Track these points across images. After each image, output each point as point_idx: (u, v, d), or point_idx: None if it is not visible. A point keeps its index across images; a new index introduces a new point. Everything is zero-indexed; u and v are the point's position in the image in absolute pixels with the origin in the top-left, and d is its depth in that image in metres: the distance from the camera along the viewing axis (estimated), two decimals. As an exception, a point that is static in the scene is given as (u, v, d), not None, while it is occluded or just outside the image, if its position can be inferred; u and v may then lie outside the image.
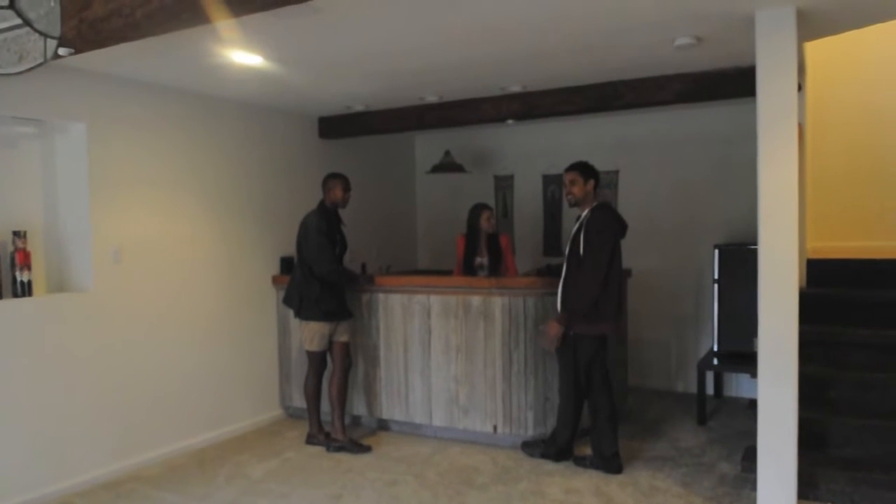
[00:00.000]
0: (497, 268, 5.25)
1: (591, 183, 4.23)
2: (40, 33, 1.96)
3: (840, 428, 3.99)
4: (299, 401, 5.32)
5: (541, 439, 4.65)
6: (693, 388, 5.60)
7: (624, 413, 5.34)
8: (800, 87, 3.77)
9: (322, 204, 4.78)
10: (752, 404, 4.79)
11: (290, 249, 5.25)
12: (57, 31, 1.95)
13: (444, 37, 3.73)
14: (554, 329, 4.22)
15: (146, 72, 4.31)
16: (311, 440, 4.92)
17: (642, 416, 5.47)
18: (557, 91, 4.92)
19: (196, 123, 4.93)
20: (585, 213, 4.22)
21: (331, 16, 3.26)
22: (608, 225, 4.18)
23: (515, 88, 4.95)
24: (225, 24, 3.18)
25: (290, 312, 5.10)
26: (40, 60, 2.05)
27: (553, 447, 4.48)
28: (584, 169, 4.24)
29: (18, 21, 1.97)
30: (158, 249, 4.67)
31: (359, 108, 5.53)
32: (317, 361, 4.88)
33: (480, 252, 5.28)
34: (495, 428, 4.79)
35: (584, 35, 3.73)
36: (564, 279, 4.24)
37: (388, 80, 4.64)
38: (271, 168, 5.52)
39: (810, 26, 3.45)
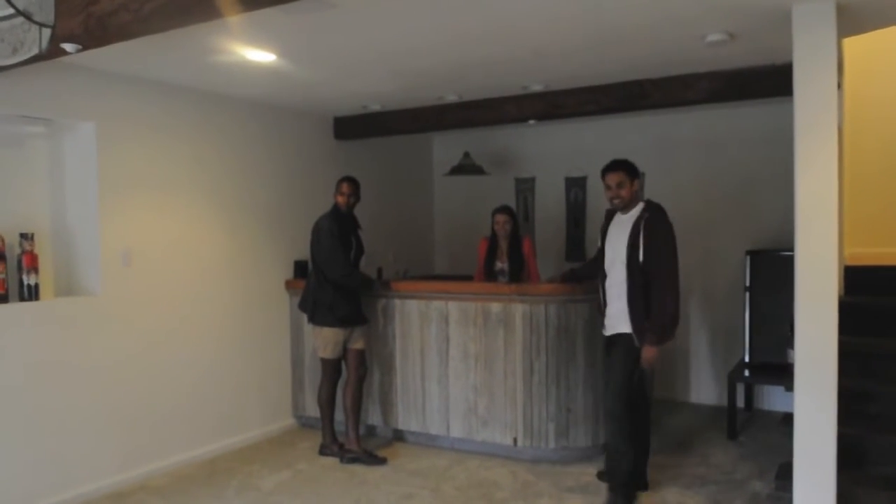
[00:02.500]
0: (519, 273, 5.06)
1: (636, 182, 3.85)
2: (34, 22, 1.84)
3: (880, 445, 3.78)
4: (312, 410, 5.18)
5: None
6: (723, 401, 5.38)
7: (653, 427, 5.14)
8: (839, 86, 3.57)
9: (335, 206, 4.67)
10: (786, 418, 4.59)
11: (305, 253, 5.11)
12: (51, 20, 1.83)
13: (463, 34, 3.59)
14: (651, 354, 3.72)
15: (156, 70, 4.20)
16: (324, 451, 4.78)
17: (670, 430, 5.27)
18: (581, 90, 4.75)
19: (207, 123, 4.82)
20: (636, 213, 3.80)
21: (346, 12, 3.14)
22: (671, 225, 3.80)
23: (538, 87, 4.78)
24: (236, 20, 3.06)
25: (304, 318, 4.96)
26: (35, 52, 1.93)
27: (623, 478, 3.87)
28: (629, 168, 3.82)
29: (10, 11, 1.84)
30: (168, 253, 4.55)
31: (375, 107, 5.39)
32: (331, 369, 4.73)
33: (500, 257, 5.11)
34: (515, 441, 4.62)
35: (611, 31, 3.57)
36: (630, 292, 3.73)
37: (406, 78, 4.49)
38: (285, 169, 5.40)
39: (850, 21, 3.25)
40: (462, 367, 4.78)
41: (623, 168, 3.82)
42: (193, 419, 4.70)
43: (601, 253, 4.01)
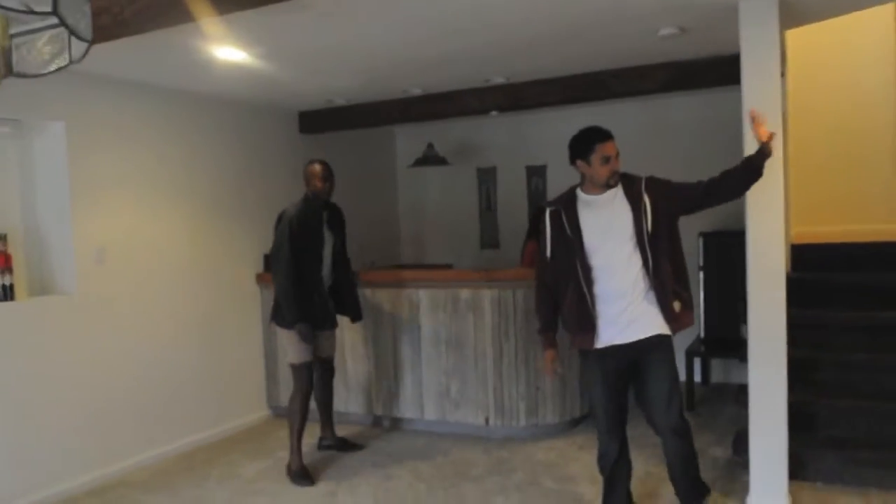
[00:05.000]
0: None
1: None
2: (79, 38, 1.99)
3: (827, 409, 4.06)
4: (286, 400, 5.27)
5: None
6: (682, 376, 5.62)
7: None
8: (782, 75, 3.81)
9: (307, 196, 4.28)
10: (740, 390, 4.85)
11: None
12: (90, 36, 1.99)
13: (428, 30, 3.71)
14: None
15: (124, 69, 4.23)
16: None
17: (631, 405, 5.49)
18: (542, 82, 4.93)
19: (177, 120, 4.86)
20: (615, 187, 3.13)
21: (317, 11, 3.23)
22: None
23: (499, 80, 4.94)
24: (211, 21, 3.14)
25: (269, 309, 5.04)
26: (65, 63, 2.08)
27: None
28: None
29: (48, 22, 1.97)
30: (141, 250, 4.60)
31: (340, 101, 5.49)
32: (301, 377, 4.27)
33: None
34: (487, 420, 4.80)
35: (570, 26, 3.74)
36: (656, 276, 3.01)
37: (372, 73, 4.61)
38: (251, 164, 5.45)
39: (792, 15, 3.48)
40: (434, 352, 4.93)
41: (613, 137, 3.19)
42: (170, 413, 4.76)
43: (567, 258, 3.12)
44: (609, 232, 3.05)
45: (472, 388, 4.83)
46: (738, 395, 4.99)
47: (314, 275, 4.23)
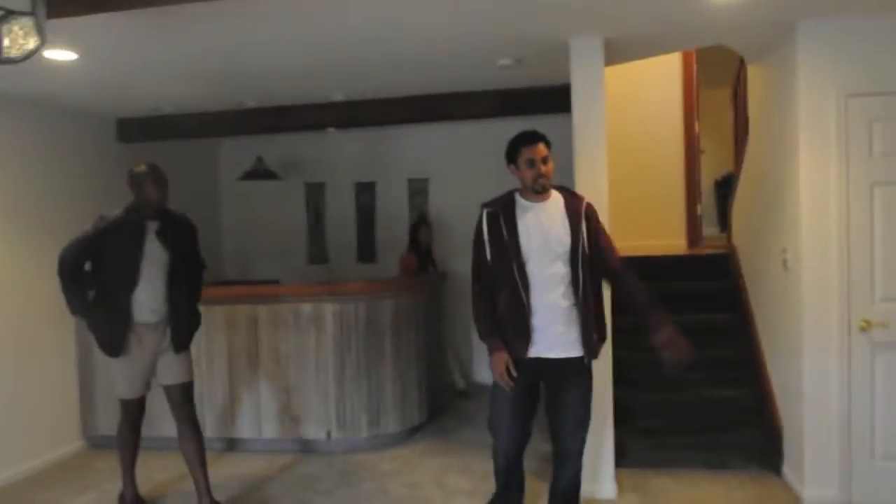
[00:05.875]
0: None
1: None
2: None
3: (640, 403, 4.61)
4: (105, 428, 4.89)
5: None
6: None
7: (446, 409, 5.66)
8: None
9: (136, 204, 3.61)
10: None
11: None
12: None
13: (266, 45, 3.71)
14: (673, 331, 3.03)
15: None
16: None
17: (467, 412, 5.76)
18: (379, 101, 5.08)
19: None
20: (557, 197, 3.08)
21: (150, 16, 3.07)
22: None
23: (338, 97, 5.02)
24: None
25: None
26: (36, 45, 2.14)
27: None
28: (547, 140, 3.07)
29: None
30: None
31: (168, 109, 5.23)
32: (129, 410, 3.73)
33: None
34: (329, 434, 4.81)
35: (413, 53, 3.97)
36: (583, 294, 2.97)
37: (209, 82, 4.47)
38: (59, 175, 4.99)
39: (614, 53, 3.96)
40: (273, 368, 4.85)
41: (545, 138, 3.06)
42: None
43: (503, 263, 3.01)
44: (544, 239, 2.97)
45: (313, 403, 4.81)
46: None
47: (121, 299, 3.52)
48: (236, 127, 5.36)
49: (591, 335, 3.01)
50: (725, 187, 7.02)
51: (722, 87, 6.28)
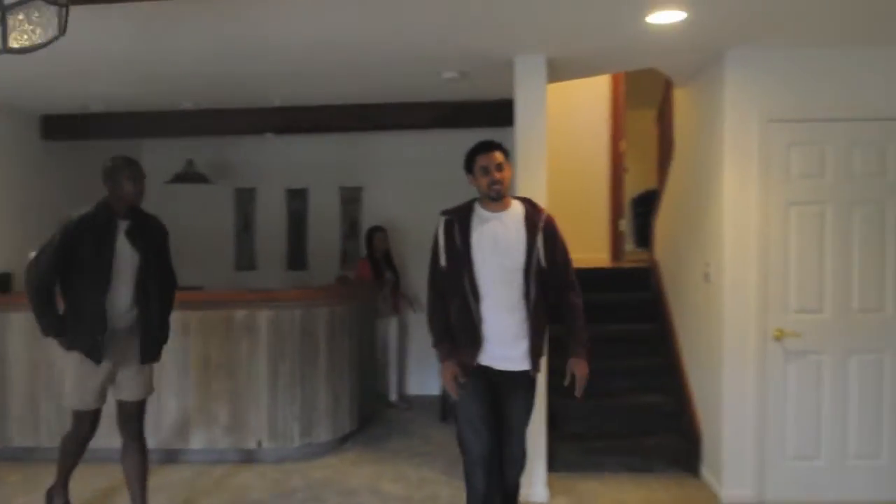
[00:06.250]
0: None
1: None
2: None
3: (567, 408, 4.75)
4: (19, 439, 4.65)
5: None
6: (436, 391, 6.06)
7: (374, 418, 5.66)
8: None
9: (107, 202, 3.41)
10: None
11: (11, 264, 4.59)
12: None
13: (199, 49, 3.68)
14: (586, 370, 3.15)
15: None
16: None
17: (399, 422, 5.78)
18: (319, 108, 5.09)
19: None
20: (518, 208, 3.09)
21: (77, 10, 2.98)
22: None
23: (276, 102, 4.99)
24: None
25: (9, 334, 4.44)
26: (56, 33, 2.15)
27: None
28: (504, 148, 3.09)
29: None
30: None
31: (98, 107, 5.05)
32: (81, 423, 3.48)
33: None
34: (260, 443, 4.73)
35: (358, 63, 4.00)
36: (533, 308, 3.01)
37: (142, 82, 4.36)
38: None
39: (556, 71, 4.13)
40: (203, 376, 4.73)
41: (501, 147, 3.08)
42: None
43: (455, 272, 3.04)
44: (498, 250, 2.99)
45: (244, 413, 4.72)
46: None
47: (94, 301, 3.29)
48: (169, 128, 5.23)
49: (539, 349, 3.06)
50: (641, 205, 7.35)
51: (647, 108, 6.60)
